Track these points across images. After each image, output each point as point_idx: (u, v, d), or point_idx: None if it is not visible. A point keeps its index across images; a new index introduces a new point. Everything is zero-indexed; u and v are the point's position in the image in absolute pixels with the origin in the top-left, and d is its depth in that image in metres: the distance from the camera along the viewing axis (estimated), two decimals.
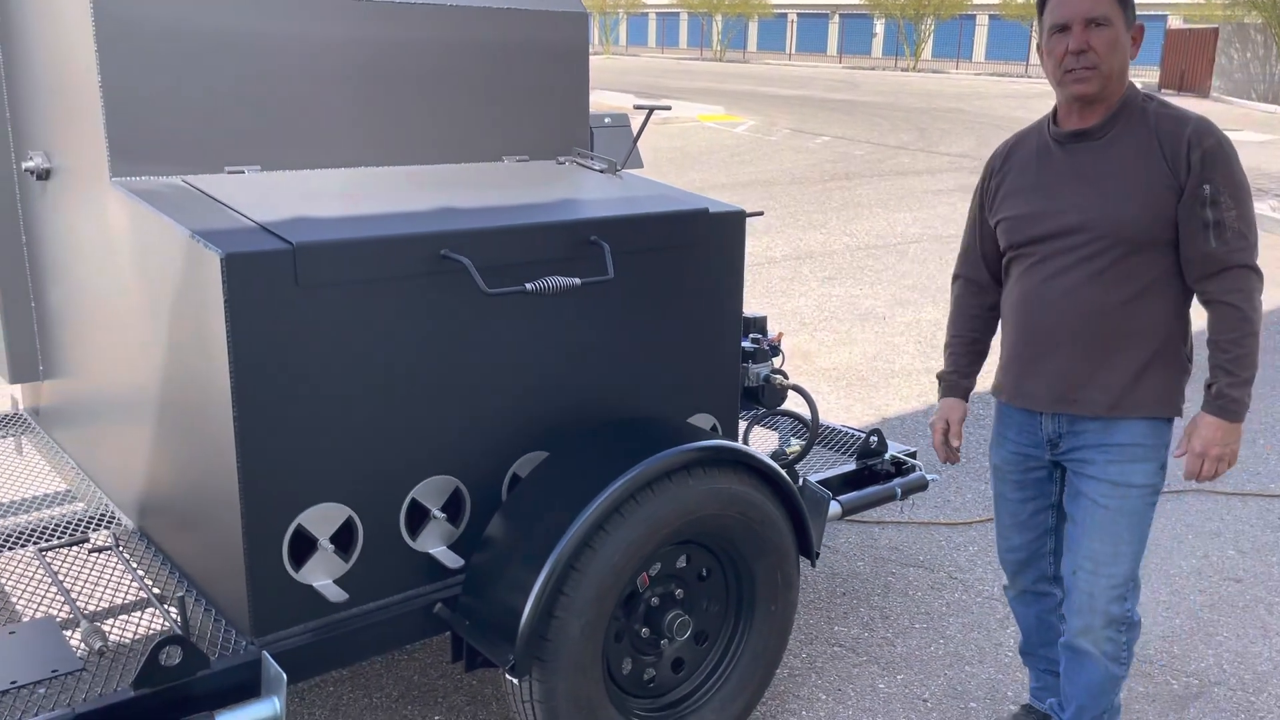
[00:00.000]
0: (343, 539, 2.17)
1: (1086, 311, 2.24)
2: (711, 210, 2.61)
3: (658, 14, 69.10)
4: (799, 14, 61.28)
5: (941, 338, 6.47)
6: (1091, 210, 2.21)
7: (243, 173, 2.43)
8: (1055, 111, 2.32)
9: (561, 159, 2.96)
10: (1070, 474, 2.38)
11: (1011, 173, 2.37)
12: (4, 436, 3.19)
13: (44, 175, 2.72)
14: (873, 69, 46.25)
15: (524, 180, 2.68)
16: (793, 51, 59.74)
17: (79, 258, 2.61)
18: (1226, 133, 2.20)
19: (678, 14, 67.13)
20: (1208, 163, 2.13)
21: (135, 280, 2.28)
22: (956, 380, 2.60)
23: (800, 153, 15.53)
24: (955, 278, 2.60)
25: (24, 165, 2.74)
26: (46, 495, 2.84)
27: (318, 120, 2.53)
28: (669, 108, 2.83)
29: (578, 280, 2.27)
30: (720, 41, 57.40)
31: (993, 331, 2.59)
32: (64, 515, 2.63)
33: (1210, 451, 2.20)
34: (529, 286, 2.21)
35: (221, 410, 2.00)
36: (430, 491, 2.27)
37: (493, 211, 2.34)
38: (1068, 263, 2.24)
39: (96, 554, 2.47)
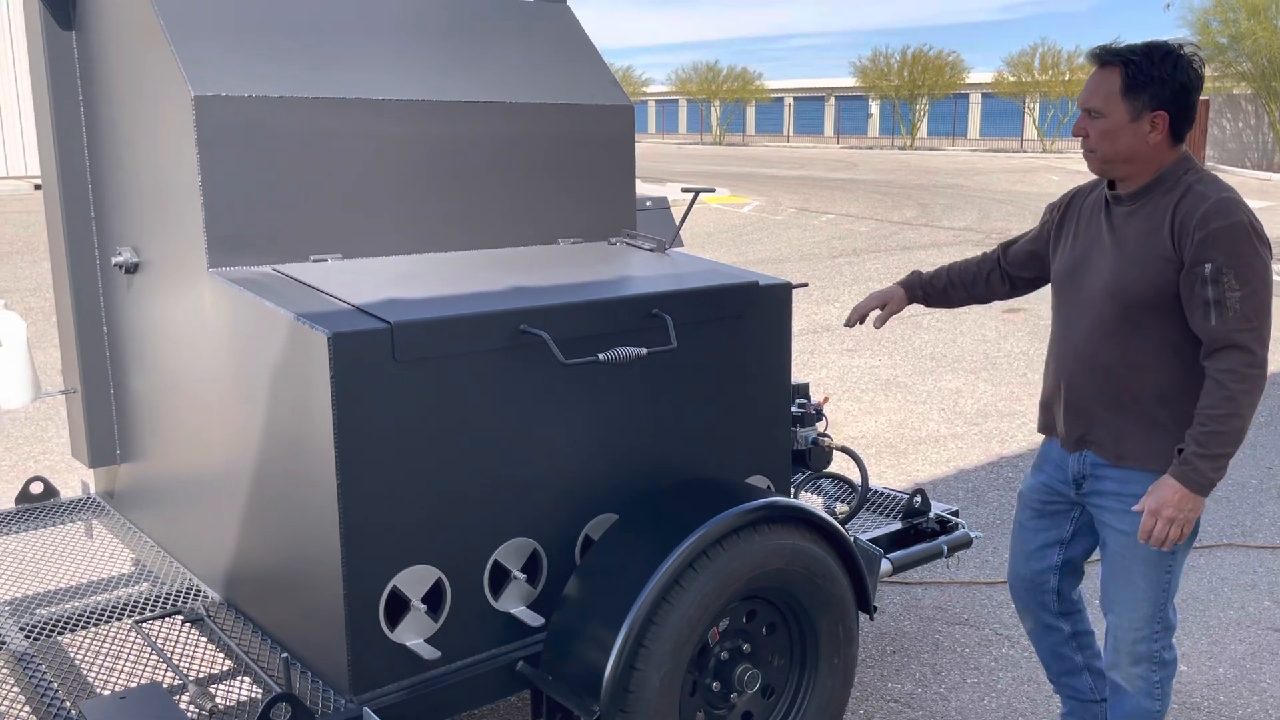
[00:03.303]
0: (432, 600, 2.29)
1: (1096, 364, 2.40)
2: (761, 283, 2.78)
3: (657, 101, 70.70)
4: (795, 97, 62.69)
5: (965, 404, 6.60)
6: (1106, 272, 2.37)
7: (326, 260, 2.61)
8: None
9: (612, 240, 3.15)
10: (1095, 523, 2.54)
11: (1069, 222, 2.55)
12: (81, 519, 3.33)
13: (132, 269, 2.90)
14: (870, 148, 47.18)
15: (583, 260, 2.86)
16: (790, 133, 60.97)
17: (167, 345, 2.77)
18: None
19: (676, 100, 68.68)
20: (1210, 242, 2.19)
21: (232, 362, 2.44)
22: (917, 279, 2.77)
23: (806, 230, 15.85)
24: (993, 251, 2.79)
25: (113, 260, 2.93)
26: (132, 573, 2.97)
27: (391, 211, 2.72)
28: (713, 190, 3.02)
29: (645, 350, 2.43)
30: (719, 126, 58.63)
31: (967, 299, 2.79)
32: (152, 590, 2.75)
33: (1163, 512, 2.22)
34: (601, 357, 2.36)
35: (325, 478, 2.14)
36: (511, 553, 2.40)
37: (563, 289, 2.51)
38: (1085, 315, 2.42)
39: (189, 625, 2.58)
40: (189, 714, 2.16)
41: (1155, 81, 2.25)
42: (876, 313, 2.79)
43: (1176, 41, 2.30)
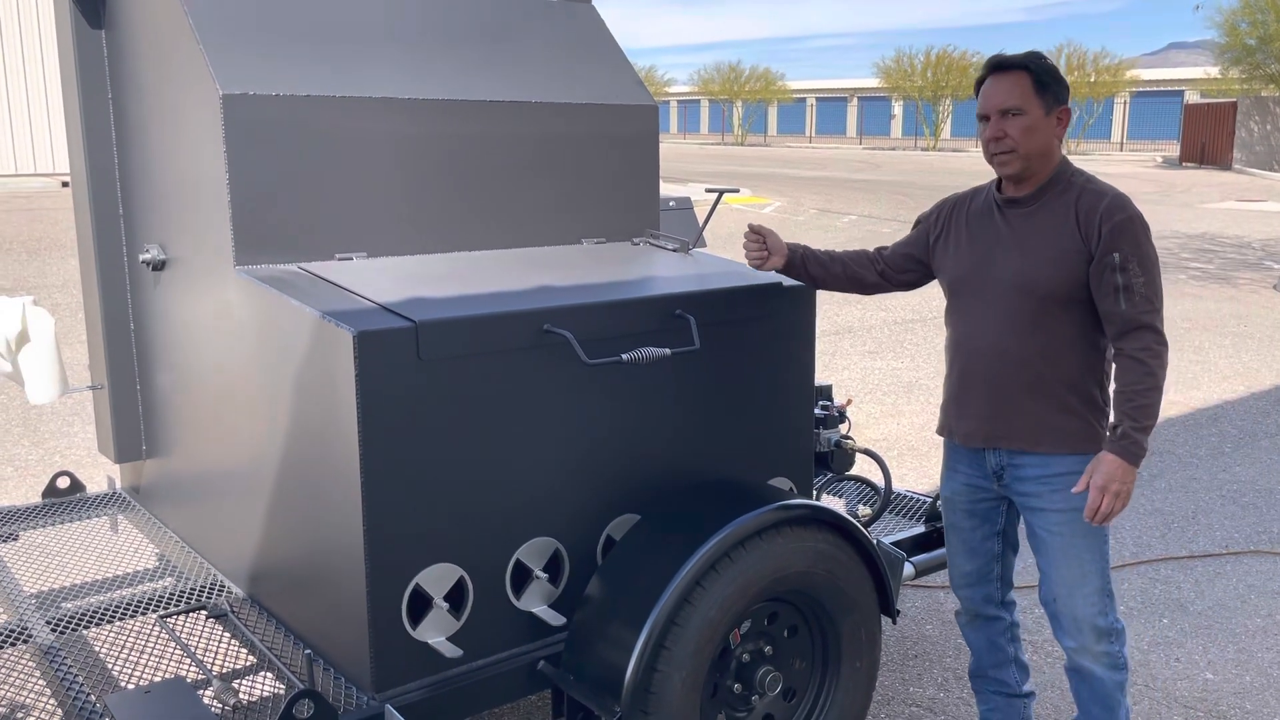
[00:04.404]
0: (454, 598, 2.30)
1: (1009, 359, 2.50)
2: (785, 283, 2.77)
3: (679, 101, 70.67)
4: (818, 98, 62.52)
5: None
6: (1015, 269, 2.47)
7: (351, 259, 2.62)
8: (1000, 179, 2.60)
9: (636, 240, 3.14)
10: (1021, 512, 2.61)
11: (954, 230, 2.63)
12: (107, 514, 3.35)
13: (159, 266, 2.92)
14: (893, 149, 46.99)
15: (607, 260, 2.86)
16: (813, 134, 60.81)
17: (194, 342, 2.79)
18: (1252, 204, 2.42)
19: (698, 101, 68.64)
20: (1116, 233, 2.37)
21: (258, 359, 2.45)
22: (800, 250, 2.77)
23: (828, 231, 15.81)
24: (876, 249, 2.83)
25: (140, 257, 2.95)
26: (156, 568, 2.99)
27: (416, 210, 2.73)
28: (737, 190, 3.01)
29: (668, 351, 2.42)
30: (741, 126, 58.54)
31: (838, 286, 2.80)
32: (177, 585, 2.77)
33: (1110, 487, 2.36)
34: (625, 357, 2.36)
35: (349, 476, 2.15)
36: (533, 552, 2.40)
37: (586, 289, 2.51)
38: (993, 314, 2.51)
39: (213, 620, 2.60)
40: (213, 708, 2.17)
41: (1055, 80, 2.45)
42: (761, 248, 2.74)
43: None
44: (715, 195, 3.09)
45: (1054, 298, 2.44)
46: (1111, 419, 2.42)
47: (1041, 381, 2.48)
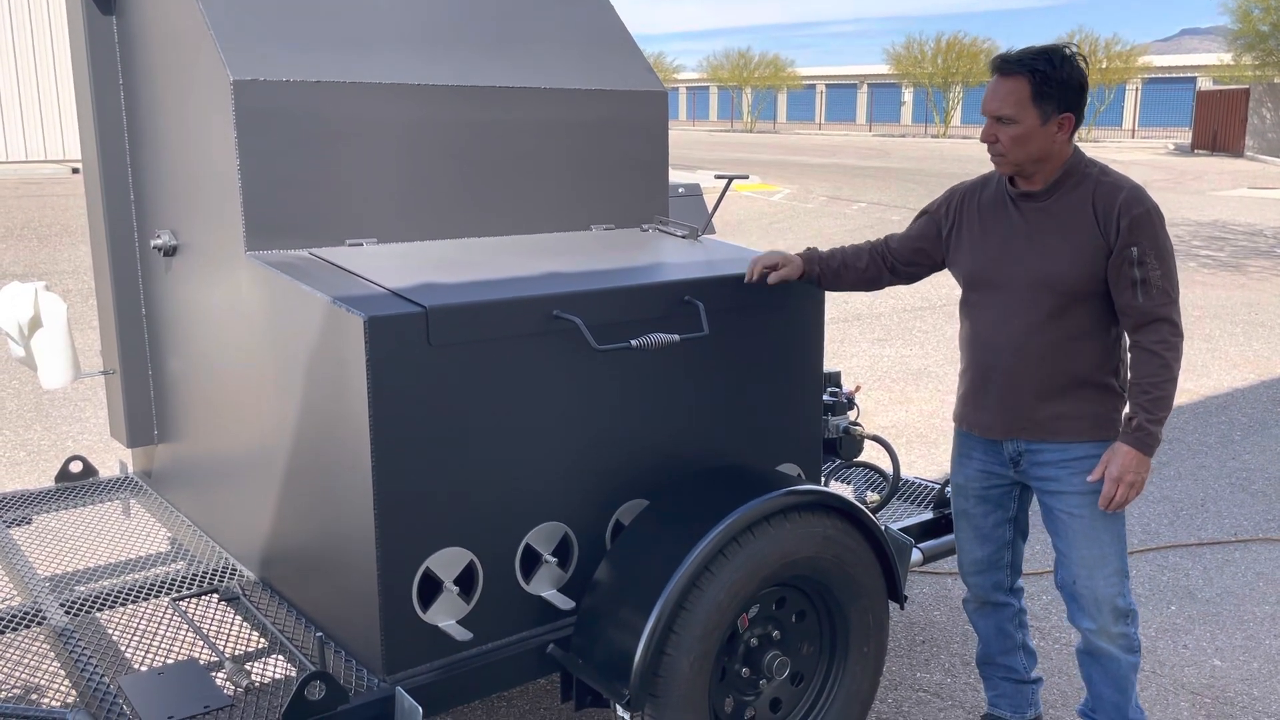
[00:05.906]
0: (464, 582, 2.31)
1: (1028, 352, 2.50)
2: None
3: (688, 88, 70.46)
4: (827, 84, 62.28)
5: None
6: (1033, 263, 2.47)
7: (361, 245, 2.63)
8: None
9: (645, 226, 3.15)
10: (1039, 495, 2.63)
11: (966, 221, 2.61)
12: (120, 498, 3.38)
13: (170, 252, 2.94)
14: (903, 136, 46.82)
15: (616, 246, 2.86)
16: (822, 121, 60.60)
17: (205, 327, 2.81)
18: (1264, 192, 2.41)
19: (707, 87, 68.43)
20: (1135, 228, 2.38)
21: (269, 344, 2.47)
22: (814, 255, 2.74)
23: (838, 219, 15.77)
24: (880, 242, 2.77)
25: (152, 243, 2.96)
26: (168, 551, 3.01)
27: (426, 196, 2.73)
28: (746, 177, 3.01)
29: (676, 336, 2.43)
30: (750, 113, 58.36)
31: (854, 285, 2.76)
32: (189, 569, 2.80)
33: (1125, 477, 2.41)
34: (634, 343, 2.37)
35: (360, 460, 2.16)
36: (542, 537, 2.41)
37: (595, 275, 2.52)
38: (1012, 308, 2.51)
39: (225, 603, 2.62)
40: (225, 690, 2.20)
41: (1060, 86, 2.39)
42: (772, 272, 2.72)
43: (1062, 43, 2.45)
44: (724, 182, 3.09)
45: (1073, 291, 2.44)
46: (1127, 410, 2.43)
47: (1060, 375, 2.49)
